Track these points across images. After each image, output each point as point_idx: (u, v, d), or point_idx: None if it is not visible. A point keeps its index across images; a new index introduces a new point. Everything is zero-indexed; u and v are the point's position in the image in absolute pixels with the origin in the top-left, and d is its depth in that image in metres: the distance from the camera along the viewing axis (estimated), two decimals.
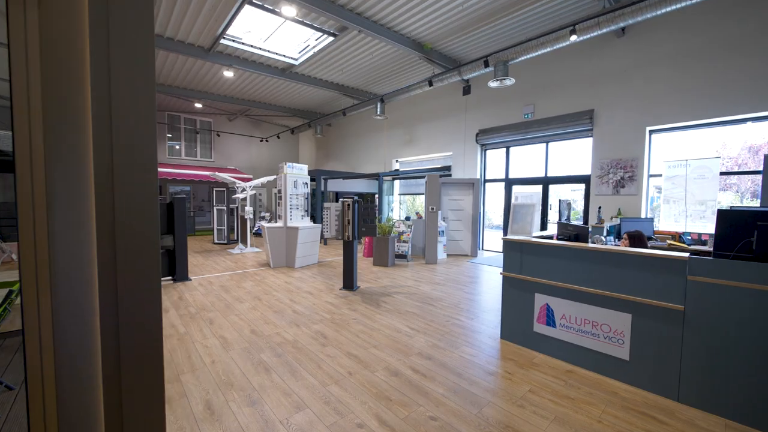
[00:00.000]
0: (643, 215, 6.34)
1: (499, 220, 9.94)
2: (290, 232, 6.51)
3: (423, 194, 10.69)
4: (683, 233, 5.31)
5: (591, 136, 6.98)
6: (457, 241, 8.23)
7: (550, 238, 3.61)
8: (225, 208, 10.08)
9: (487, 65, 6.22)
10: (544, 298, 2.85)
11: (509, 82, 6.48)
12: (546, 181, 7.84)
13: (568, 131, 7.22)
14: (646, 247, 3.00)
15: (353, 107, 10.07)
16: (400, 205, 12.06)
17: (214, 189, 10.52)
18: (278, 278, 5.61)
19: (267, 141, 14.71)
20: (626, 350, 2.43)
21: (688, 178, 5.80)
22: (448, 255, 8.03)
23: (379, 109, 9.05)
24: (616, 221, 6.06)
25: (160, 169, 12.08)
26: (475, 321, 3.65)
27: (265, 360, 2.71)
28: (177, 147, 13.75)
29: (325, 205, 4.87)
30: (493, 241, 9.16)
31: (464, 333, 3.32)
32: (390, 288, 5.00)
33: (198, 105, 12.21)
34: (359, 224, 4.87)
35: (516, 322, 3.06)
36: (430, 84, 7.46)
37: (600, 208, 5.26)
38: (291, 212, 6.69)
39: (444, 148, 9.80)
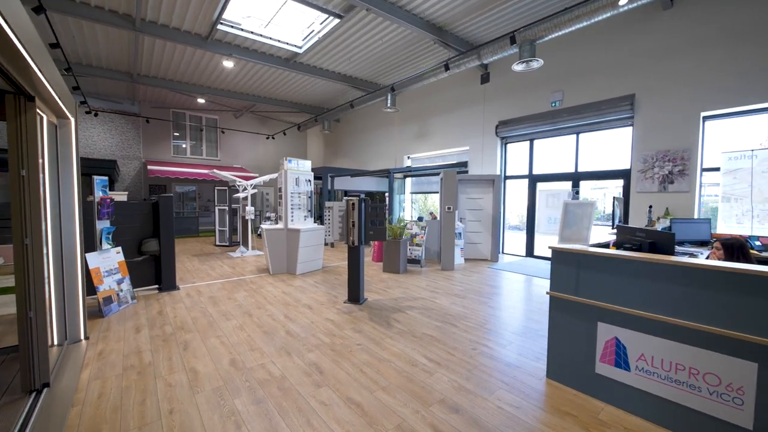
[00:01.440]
0: (695, 215, 5.46)
1: (517, 221, 9.13)
2: (291, 235, 5.89)
3: (436, 192, 9.95)
4: (749, 237, 4.45)
5: (631, 125, 6.11)
6: (476, 244, 7.47)
7: (605, 246, 2.86)
8: (227, 208, 9.59)
9: (513, 42, 5.44)
10: (611, 330, 2.11)
11: (536, 63, 5.68)
12: (576, 177, 6.99)
13: (604, 120, 6.36)
14: (750, 260, 2.23)
15: (362, 99, 9.40)
16: (413, 205, 11.34)
17: (216, 188, 10.04)
18: (276, 287, 4.99)
19: (273, 138, 14.20)
20: (748, 414, 1.68)
21: (755, 171, 4.90)
22: (465, 259, 7.28)
23: (389, 101, 8.35)
24: (664, 222, 5.22)
25: (163, 168, 11.71)
26: (509, 349, 2.93)
27: (239, 409, 2.06)
28: (183, 146, 13.40)
29: (327, 204, 4.21)
30: (514, 243, 8.35)
31: (498, 367, 2.60)
32: (402, 301, 4.31)
33: (201, 100, 11.78)
34: (366, 227, 4.20)
35: (569, 358, 2.32)
36: (447, 68, 6.71)
37: (651, 207, 4.45)
38: (292, 212, 6.08)
39: (460, 143, 9.04)
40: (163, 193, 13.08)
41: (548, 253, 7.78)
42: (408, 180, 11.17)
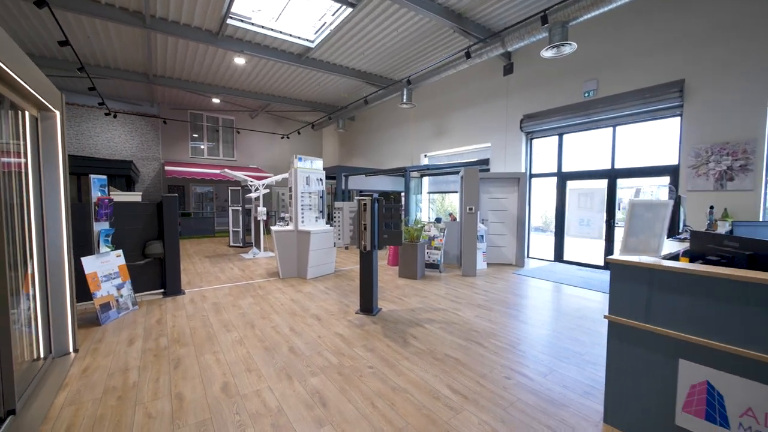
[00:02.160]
0: (761, 217, 4.73)
1: (540, 222, 8.48)
2: (301, 237, 5.57)
3: (455, 192, 9.42)
4: None
5: (680, 115, 5.42)
6: (499, 248, 6.92)
7: (674, 258, 2.32)
8: (240, 208, 9.44)
9: (545, 22, 4.88)
10: (700, 371, 1.61)
11: (569, 48, 5.09)
12: (613, 175, 6.31)
13: (647, 110, 5.68)
14: None
15: (376, 94, 9.02)
16: (430, 205, 10.84)
17: (229, 188, 9.94)
18: (284, 293, 4.67)
19: (288, 138, 14.07)
20: None
21: None
22: (488, 264, 6.75)
23: (405, 96, 7.92)
24: (724, 225, 4.52)
25: (179, 169, 11.76)
26: (550, 379, 2.44)
27: None
28: (201, 147, 13.49)
29: (337, 204, 3.83)
30: (539, 246, 7.72)
31: (539, 405, 2.13)
32: (420, 312, 3.87)
33: (216, 100, 11.75)
34: (380, 230, 3.79)
35: (636, 402, 1.83)
36: (468, 56, 6.21)
37: (712, 207, 3.81)
38: (303, 213, 5.76)
39: (481, 139, 8.48)
40: (181, 194, 13.19)
41: (580, 258, 7.04)
42: (425, 179, 10.70)
